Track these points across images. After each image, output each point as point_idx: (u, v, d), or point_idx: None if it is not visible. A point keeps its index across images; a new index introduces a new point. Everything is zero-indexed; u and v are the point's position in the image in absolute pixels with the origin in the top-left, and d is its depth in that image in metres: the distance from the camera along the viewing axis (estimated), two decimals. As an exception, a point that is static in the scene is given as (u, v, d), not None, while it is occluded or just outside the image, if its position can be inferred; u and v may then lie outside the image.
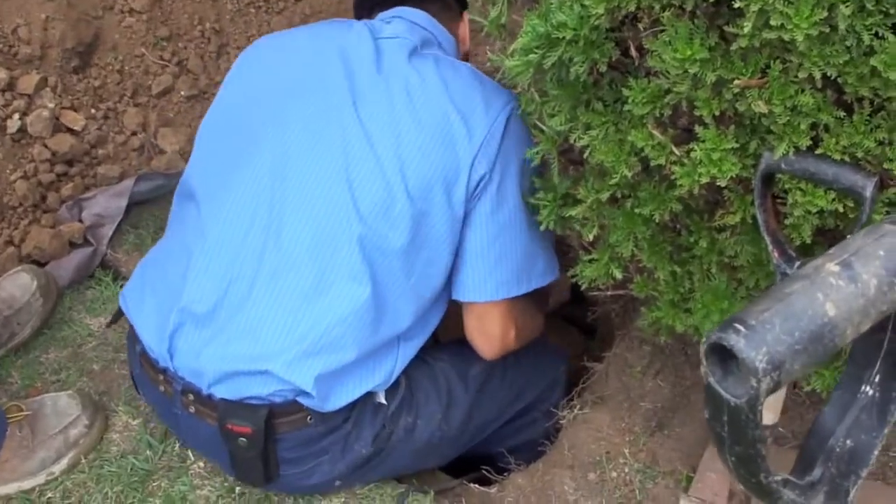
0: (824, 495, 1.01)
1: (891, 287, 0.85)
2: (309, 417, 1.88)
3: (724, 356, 0.80)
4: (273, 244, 1.88)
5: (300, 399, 1.86)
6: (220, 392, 1.87)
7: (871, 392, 1.01)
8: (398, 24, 2.10)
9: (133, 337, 2.05)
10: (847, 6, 1.16)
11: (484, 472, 2.29)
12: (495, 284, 1.98)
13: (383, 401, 1.97)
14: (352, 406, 1.92)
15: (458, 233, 1.95)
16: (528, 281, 2.02)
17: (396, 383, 2.00)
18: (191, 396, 1.92)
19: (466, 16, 2.28)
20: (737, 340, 0.78)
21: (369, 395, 1.96)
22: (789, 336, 0.79)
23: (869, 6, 1.17)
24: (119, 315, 2.15)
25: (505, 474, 2.25)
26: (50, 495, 2.13)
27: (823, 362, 0.82)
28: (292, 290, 1.86)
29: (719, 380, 0.81)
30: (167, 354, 1.92)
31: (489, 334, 2.06)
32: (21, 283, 2.47)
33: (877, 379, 1.00)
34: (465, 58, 2.28)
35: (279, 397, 1.85)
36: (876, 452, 1.02)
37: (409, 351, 2.00)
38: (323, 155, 1.91)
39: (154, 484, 2.14)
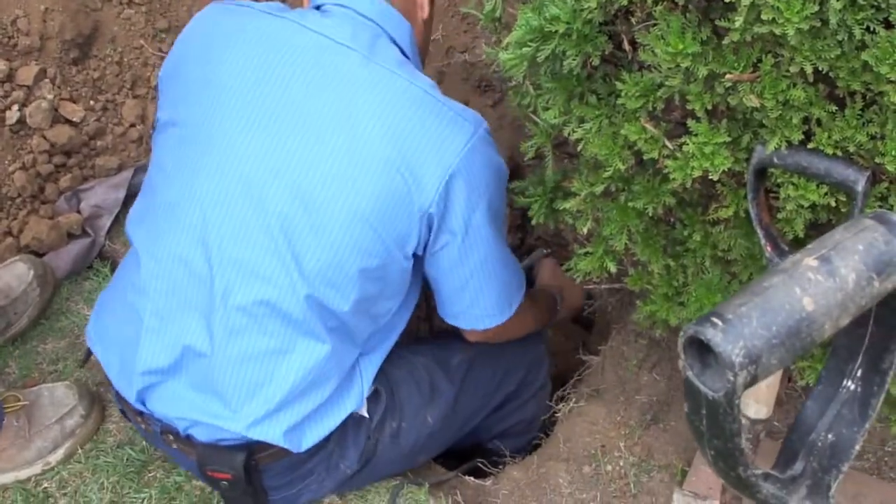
0: (806, 489, 1.01)
1: (869, 282, 0.85)
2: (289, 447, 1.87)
3: (701, 350, 0.81)
4: (221, 304, 1.80)
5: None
6: (198, 435, 1.86)
7: (852, 387, 1.01)
8: (341, 21, 1.87)
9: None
10: (838, 1, 1.16)
11: (479, 464, 2.29)
12: (480, 316, 1.99)
13: (365, 414, 1.97)
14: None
15: (419, 272, 1.94)
16: (510, 305, 2.02)
17: (376, 393, 1.99)
18: (170, 436, 1.91)
19: None
20: (714, 334, 0.78)
21: (350, 414, 1.95)
22: (766, 330, 0.79)
23: (860, 1, 1.17)
24: (89, 354, 2.11)
25: (500, 467, 2.25)
26: (46, 485, 2.14)
27: (802, 356, 0.82)
28: (250, 351, 1.80)
29: (697, 373, 0.82)
30: (140, 402, 1.90)
31: (481, 335, 2.06)
32: (17, 273, 2.47)
33: (858, 373, 1.00)
34: (425, 27, 2.08)
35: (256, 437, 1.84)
36: (858, 447, 1.02)
37: (373, 363, 1.98)
38: (256, 218, 1.78)
39: (150, 475, 2.15)
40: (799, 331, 0.80)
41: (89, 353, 2.08)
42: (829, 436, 1.02)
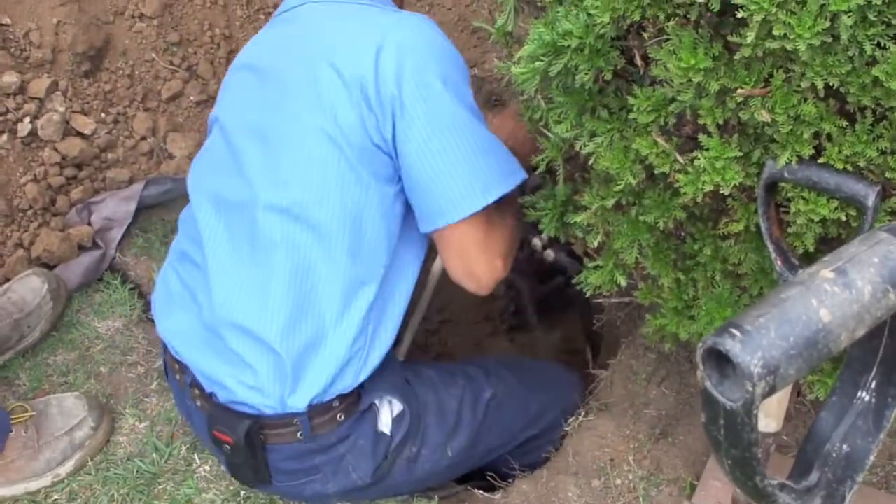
0: (821, 499, 1.02)
1: (885, 294, 0.86)
2: (299, 433, 1.90)
3: (720, 361, 0.81)
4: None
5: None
6: (220, 395, 1.91)
7: (867, 398, 1.02)
8: None
9: None
10: (849, 16, 1.17)
11: (488, 477, 2.30)
12: (458, 197, 1.84)
13: (387, 431, 1.98)
14: (348, 430, 1.94)
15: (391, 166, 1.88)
16: (487, 189, 1.86)
17: (402, 414, 2.00)
18: (196, 391, 1.96)
19: None
20: (732, 345, 0.79)
21: (371, 422, 1.97)
22: (784, 341, 0.79)
23: (871, 17, 1.18)
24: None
25: (509, 480, 2.25)
26: (56, 497, 2.15)
27: (819, 367, 0.83)
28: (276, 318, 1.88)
29: (715, 384, 0.82)
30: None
31: (475, 274, 1.95)
32: (32, 287, 2.48)
33: (873, 384, 1.01)
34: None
35: (269, 409, 1.88)
36: (872, 457, 1.02)
37: (388, 319, 1.98)
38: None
39: (160, 487, 2.15)
40: (816, 342, 0.81)
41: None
42: (844, 447, 1.03)
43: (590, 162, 1.63)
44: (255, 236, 1.89)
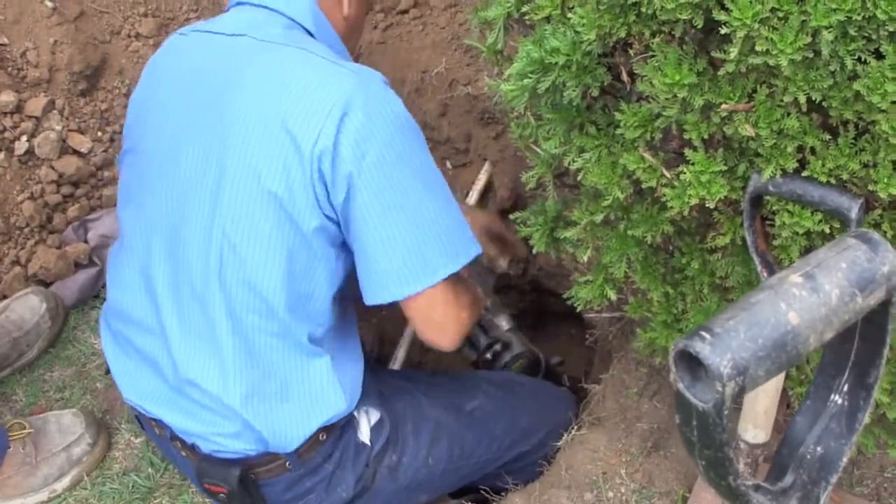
0: (796, 501, 1.04)
1: (852, 297, 0.88)
2: (287, 463, 1.90)
3: (691, 363, 0.84)
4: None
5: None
6: (202, 446, 1.90)
7: (840, 401, 1.04)
8: (242, 16, 1.97)
9: None
10: (830, 32, 1.19)
11: (482, 491, 2.31)
12: (429, 268, 1.80)
13: (366, 441, 1.99)
14: (332, 447, 1.95)
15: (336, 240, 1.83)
16: (434, 271, 1.82)
17: (380, 422, 2.01)
18: (178, 443, 1.95)
19: None
20: (702, 347, 0.81)
21: (352, 434, 1.98)
22: (753, 343, 0.82)
23: (851, 32, 1.20)
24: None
25: (502, 494, 2.26)
26: (52, 512, 2.16)
27: (788, 369, 0.86)
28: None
29: (688, 386, 0.85)
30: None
31: (441, 327, 1.90)
32: (31, 306, 2.51)
33: (845, 388, 1.03)
34: (347, 25, 2.12)
35: (254, 451, 1.88)
36: (846, 459, 1.04)
37: (346, 367, 1.96)
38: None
39: (155, 501, 2.17)
40: (784, 343, 0.83)
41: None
42: (818, 449, 1.05)
43: (578, 178, 1.65)
44: (203, 303, 1.85)
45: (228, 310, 1.81)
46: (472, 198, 3.09)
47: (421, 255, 1.79)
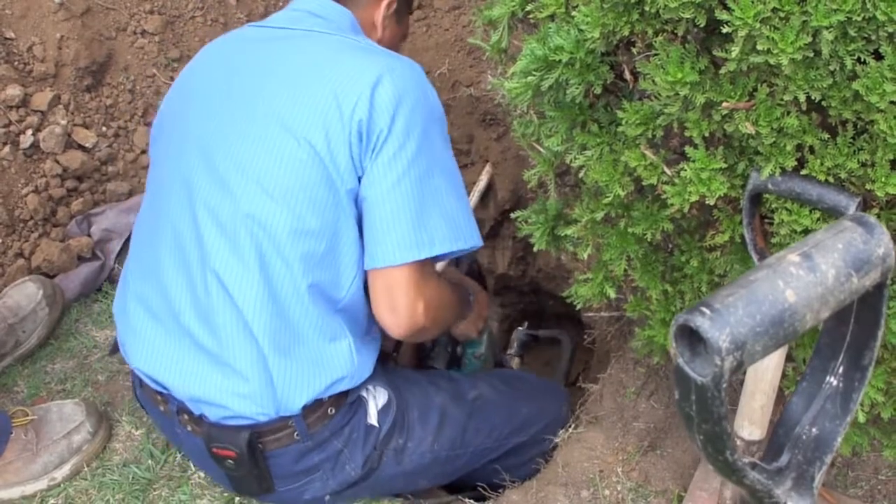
0: (791, 481, 1.06)
1: (848, 278, 0.90)
2: (296, 433, 1.93)
3: (691, 339, 0.86)
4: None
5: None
6: (210, 414, 1.92)
7: (835, 382, 1.06)
8: (289, 15, 2.13)
9: None
10: (830, 32, 1.21)
11: (479, 488, 2.32)
12: (395, 245, 1.85)
13: (374, 423, 2.01)
14: (340, 422, 1.97)
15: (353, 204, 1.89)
16: (433, 243, 1.88)
17: (388, 404, 2.04)
18: (185, 416, 1.97)
19: (385, 2, 2.19)
20: (702, 321, 0.84)
21: (362, 415, 2.00)
22: (751, 319, 0.84)
23: (851, 32, 1.22)
24: (116, 348, 2.18)
25: (499, 490, 2.28)
26: (52, 502, 2.17)
27: (784, 344, 0.87)
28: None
29: (687, 361, 0.87)
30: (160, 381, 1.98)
31: (395, 308, 1.90)
32: (27, 293, 2.52)
33: (840, 370, 1.05)
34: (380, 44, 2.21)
35: (264, 416, 1.90)
36: (840, 439, 1.07)
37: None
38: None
39: (155, 493, 2.17)
40: (782, 320, 0.85)
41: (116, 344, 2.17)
42: (813, 429, 1.07)
43: (580, 175, 1.66)
44: (234, 244, 1.89)
45: (258, 253, 1.86)
46: (473, 199, 3.11)
47: (423, 226, 1.86)
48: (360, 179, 1.87)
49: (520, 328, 3.15)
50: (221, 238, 1.89)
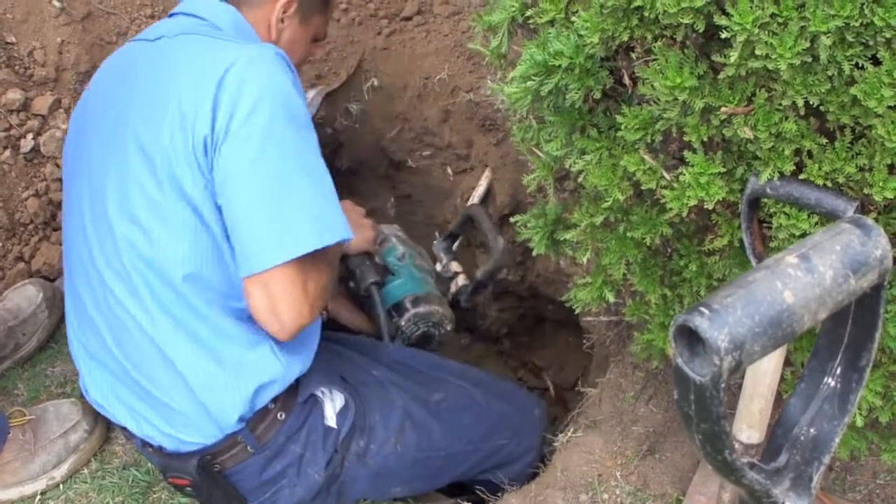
0: (789, 481, 1.07)
1: (846, 279, 0.91)
2: (248, 447, 1.93)
3: (690, 339, 0.87)
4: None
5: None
6: (166, 444, 1.94)
7: (832, 383, 1.07)
8: (171, 20, 2.07)
9: None
10: (828, 37, 1.22)
11: (477, 491, 2.33)
12: (260, 250, 1.76)
13: (333, 424, 2.01)
14: (294, 425, 1.97)
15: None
16: (297, 242, 1.76)
17: (346, 406, 2.04)
18: (150, 448, 1.99)
19: (280, 2, 2.10)
20: (701, 321, 0.85)
21: (318, 417, 2.01)
22: (750, 319, 0.85)
23: (849, 38, 1.23)
24: None
25: (499, 494, 2.28)
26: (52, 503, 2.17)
27: (783, 345, 0.88)
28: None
29: (686, 361, 0.88)
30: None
31: (278, 312, 1.80)
32: (27, 295, 2.52)
33: (838, 371, 1.06)
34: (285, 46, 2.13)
35: (210, 438, 1.91)
36: (838, 440, 1.07)
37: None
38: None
39: (154, 496, 2.18)
40: (780, 321, 0.86)
41: None
42: (811, 430, 1.08)
43: (579, 180, 1.67)
44: (125, 279, 1.88)
45: (146, 285, 1.84)
46: (473, 202, 3.12)
47: (284, 226, 1.76)
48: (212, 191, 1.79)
49: (434, 242, 3.03)
50: (113, 274, 1.88)
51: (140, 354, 1.88)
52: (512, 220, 2.03)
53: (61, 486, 2.20)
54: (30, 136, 2.70)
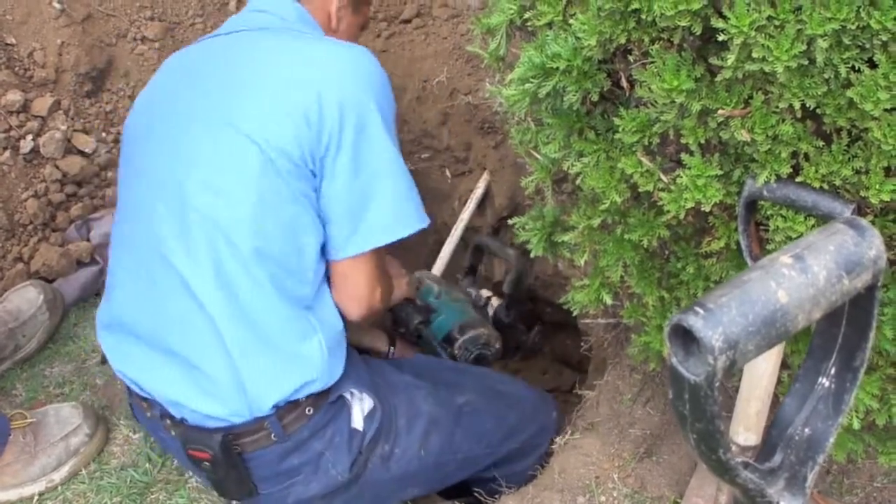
0: (784, 481, 1.07)
1: (839, 279, 0.92)
2: (272, 434, 1.94)
3: (685, 338, 0.87)
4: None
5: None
6: (189, 417, 1.94)
7: (827, 384, 1.08)
8: (241, 16, 2.18)
9: None
10: (824, 40, 1.22)
11: (475, 493, 2.33)
12: (350, 237, 1.95)
13: (359, 427, 2.02)
14: (320, 423, 1.98)
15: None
16: (385, 231, 1.98)
17: (373, 410, 2.05)
18: (168, 421, 1.99)
19: None
20: (696, 321, 0.85)
21: (345, 418, 2.01)
22: (744, 318, 0.86)
23: (845, 41, 1.23)
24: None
25: (496, 496, 2.29)
26: (50, 504, 2.18)
27: (777, 344, 0.89)
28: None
29: (681, 360, 0.88)
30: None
31: (357, 296, 2.02)
32: (28, 297, 2.53)
33: (832, 371, 1.07)
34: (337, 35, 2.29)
35: (237, 418, 1.91)
36: (832, 440, 1.08)
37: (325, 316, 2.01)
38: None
39: (152, 496, 2.18)
40: (774, 320, 0.87)
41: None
42: (806, 430, 1.08)
43: (577, 182, 1.67)
44: (191, 246, 1.92)
45: (214, 256, 1.88)
46: (471, 206, 3.12)
47: (371, 218, 1.94)
48: (314, 174, 1.90)
49: (459, 282, 3.18)
50: (179, 241, 1.91)
51: (190, 324, 1.91)
52: (510, 222, 2.03)
53: (59, 487, 2.20)
54: (29, 137, 2.70)
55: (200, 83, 2.01)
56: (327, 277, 2.01)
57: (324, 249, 1.97)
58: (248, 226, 1.87)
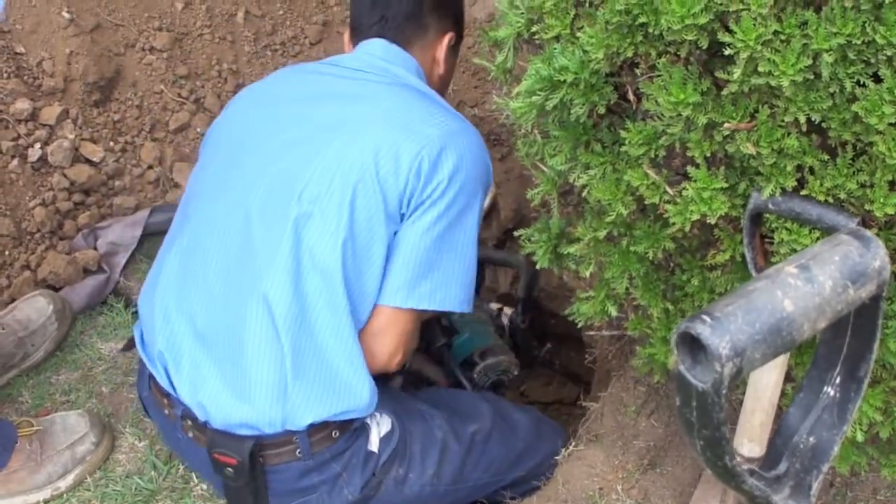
0: (789, 489, 1.08)
1: (844, 289, 0.93)
2: (298, 451, 1.94)
3: (692, 346, 0.88)
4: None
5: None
6: (215, 421, 1.94)
7: (832, 393, 1.09)
8: (362, 58, 2.22)
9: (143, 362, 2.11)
10: (830, 55, 1.23)
11: (479, 504, 2.33)
12: (399, 287, 1.99)
13: (375, 449, 2.03)
14: (342, 447, 1.99)
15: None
16: (431, 299, 2.02)
17: (391, 433, 2.06)
18: (189, 422, 1.99)
19: (447, 38, 2.31)
20: (703, 329, 0.86)
21: (364, 441, 2.02)
22: (750, 327, 0.87)
23: (851, 55, 1.24)
24: (131, 344, 2.21)
25: (500, 508, 2.29)
26: (56, 512, 2.18)
27: (783, 353, 0.89)
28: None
29: (688, 368, 0.89)
30: (170, 382, 2.01)
31: (379, 352, 2.02)
32: (38, 307, 2.54)
33: (837, 381, 1.08)
34: (441, 81, 2.38)
35: (270, 428, 1.92)
36: (836, 448, 1.09)
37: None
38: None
39: (157, 504, 2.19)
40: (780, 329, 0.88)
41: (131, 342, 2.20)
42: (811, 438, 1.09)
43: (583, 194, 1.68)
44: (274, 255, 1.94)
45: (296, 267, 1.92)
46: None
47: (430, 281, 2.00)
48: (402, 218, 1.96)
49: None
50: (265, 245, 1.94)
51: (250, 325, 1.93)
52: (516, 234, 2.04)
53: (65, 494, 2.21)
54: (37, 145, 2.72)
55: (324, 112, 2.08)
56: None
57: None
58: (337, 245, 1.91)
